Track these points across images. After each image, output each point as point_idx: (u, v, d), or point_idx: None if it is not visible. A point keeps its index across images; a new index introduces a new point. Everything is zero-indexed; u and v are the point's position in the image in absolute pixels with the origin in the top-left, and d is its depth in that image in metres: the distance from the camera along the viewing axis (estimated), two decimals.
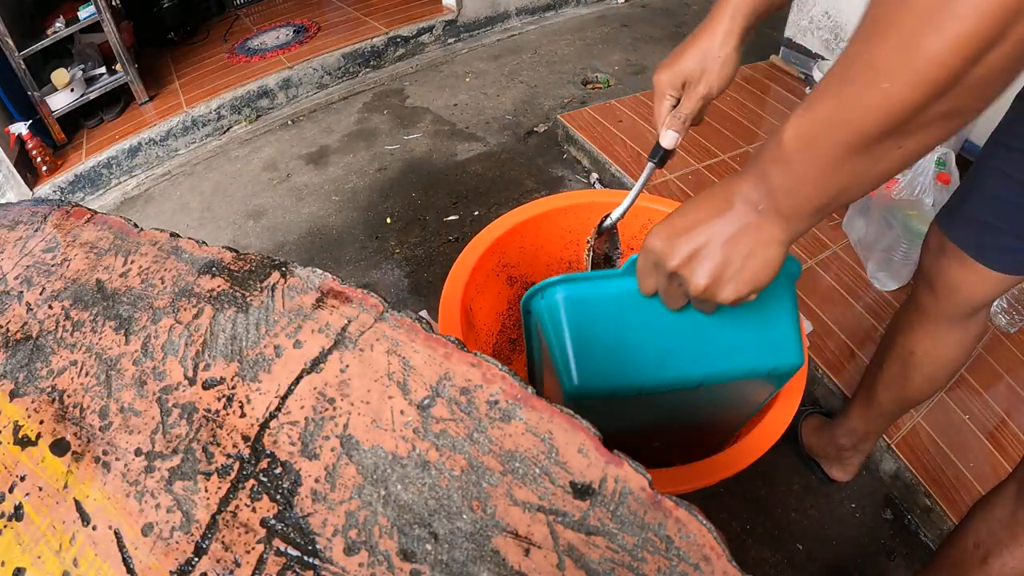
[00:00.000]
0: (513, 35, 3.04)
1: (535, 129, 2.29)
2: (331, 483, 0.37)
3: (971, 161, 1.23)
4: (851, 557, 1.11)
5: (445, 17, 2.90)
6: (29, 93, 2.12)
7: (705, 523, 0.32)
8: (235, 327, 0.46)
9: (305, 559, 0.34)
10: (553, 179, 2.05)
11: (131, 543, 0.37)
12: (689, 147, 1.97)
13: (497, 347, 1.08)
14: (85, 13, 2.19)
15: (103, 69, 2.38)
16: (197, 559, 0.35)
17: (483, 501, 0.34)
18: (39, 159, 2.14)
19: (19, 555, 0.38)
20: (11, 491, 0.41)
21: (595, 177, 2.02)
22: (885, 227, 1.40)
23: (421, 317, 0.44)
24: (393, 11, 2.99)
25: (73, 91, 2.24)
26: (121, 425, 0.42)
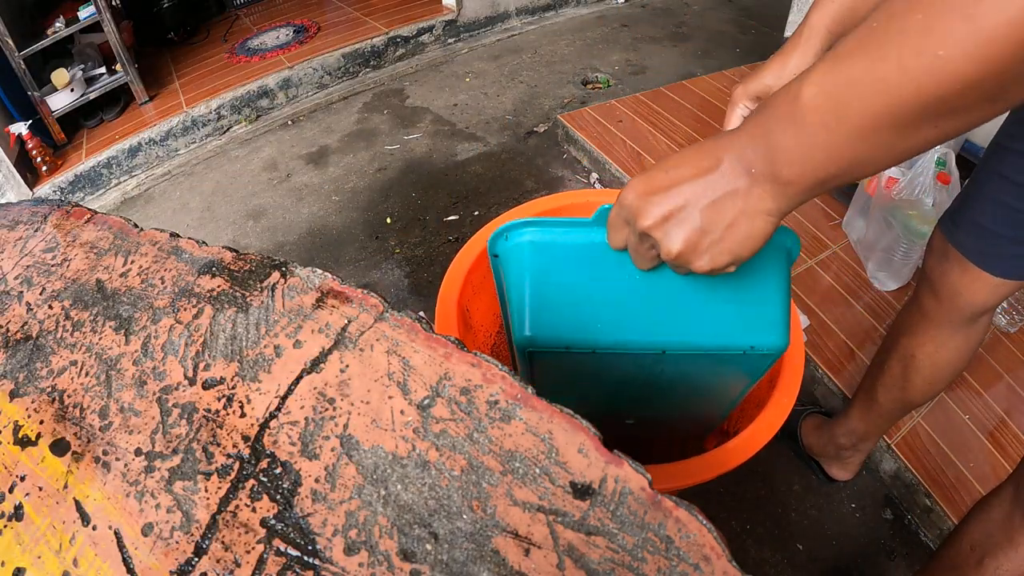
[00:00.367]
0: (513, 35, 3.04)
1: (535, 129, 2.30)
2: (331, 483, 0.37)
3: (971, 162, 1.23)
4: (851, 557, 1.11)
5: (445, 17, 2.90)
6: (29, 93, 2.12)
7: (705, 523, 0.32)
8: (235, 327, 0.46)
9: (305, 559, 0.34)
10: (553, 179, 2.05)
11: (131, 543, 0.37)
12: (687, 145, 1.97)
13: (495, 348, 1.08)
14: (85, 13, 2.20)
15: (103, 69, 2.38)
16: (197, 559, 0.35)
17: (483, 501, 0.34)
18: (39, 159, 2.15)
19: (19, 555, 0.38)
20: (11, 491, 0.41)
21: (595, 177, 2.03)
22: (885, 227, 1.40)
23: (421, 317, 0.44)
24: (393, 11, 2.99)
25: (73, 91, 2.24)
26: (121, 425, 0.42)
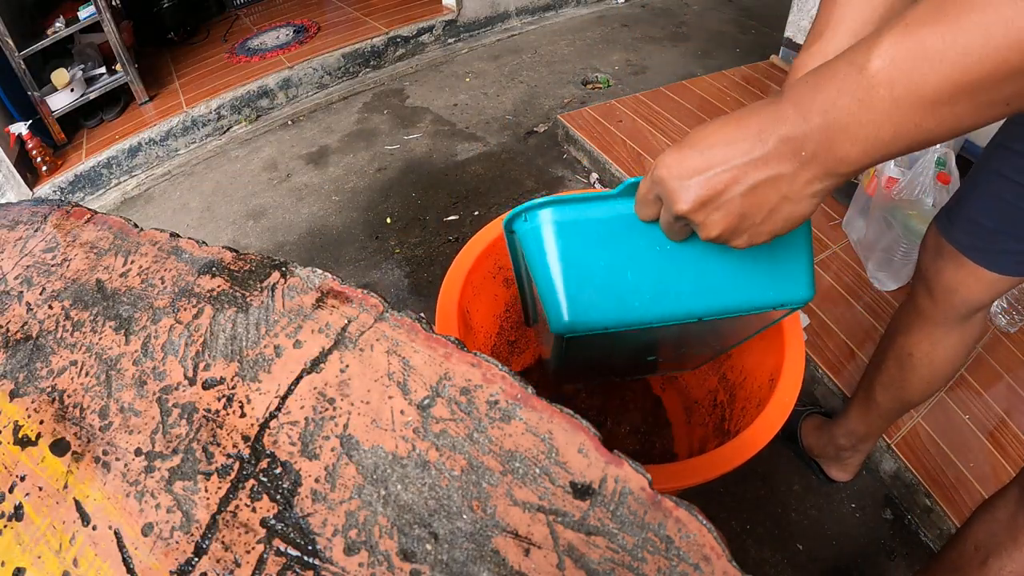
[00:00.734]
0: (513, 35, 3.04)
1: (535, 129, 2.30)
2: (331, 483, 0.37)
3: (971, 162, 1.23)
4: (851, 557, 1.11)
5: (445, 17, 2.90)
6: (29, 93, 2.12)
7: (705, 523, 0.32)
8: (235, 327, 0.46)
9: (305, 559, 0.34)
10: (553, 179, 2.05)
11: (131, 543, 0.37)
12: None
13: (495, 349, 1.08)
14: (85, 13, 2.20)
15: (103, 69, 2.38)
16: (197, 559, 0.35)
17: (483, 501, 0.34)
18: (39, 159, 2.15)
19: (19, 555, 0.38)
20: (11, 491, 0.41)
21: (595, 177, 2.03)
22: (885, 227, 1.40)
23: (421, 317, 0.44)
24: (393, 11, 2.99)
25: (73, 91, 2.24)
26: (121, 425, 0.42)
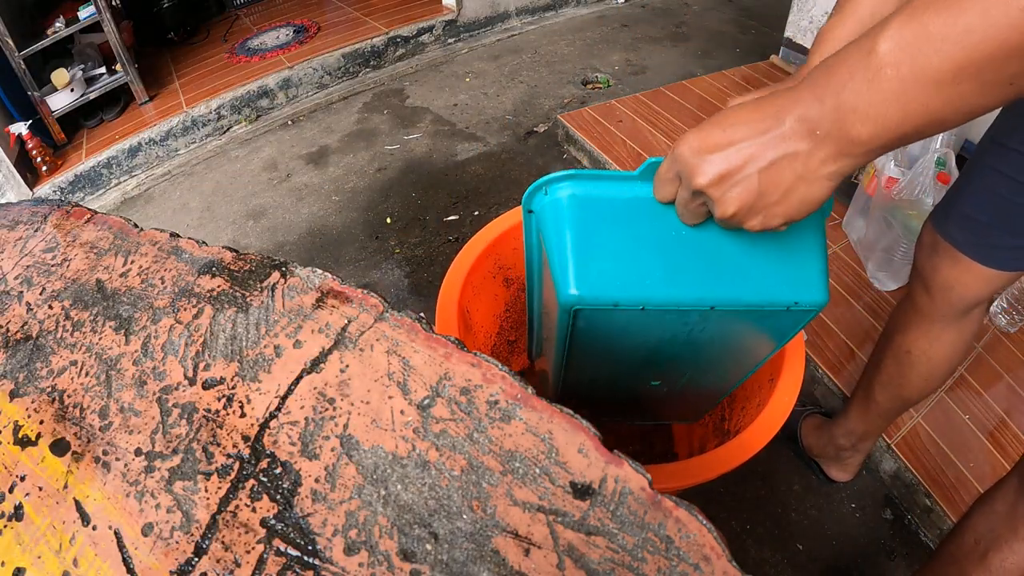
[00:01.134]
0: (513, 35, 3.04)
1: (535, 129, 2.30)
2: (331, 483, 0.37)
3: None
4: (851, 557, 1.11)
5: (445, 17, 2.90)
6: (29, 93, 2.12)
7: (705, 523, 0.32)
8: (235, 327, 0.46)
9: (305, 559, 0.34)
10: None
11: (131, 543, 0.37)
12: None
13: (495, 349, 1.08)
14: (85, 13, 2.20)
15: (103, 69, 2.38)
16: (197, 559, 0.35)
17: (483, 501, 0.34)
18: (39, 159, 2.15)
19: (19, 555, 0.38)
20: (11, 491, 0.41)
21: None
22: (885, 227, 1.40)
23: (421, 317, 0.44)
24: (393, 11, 2.99)
25: (73, 91, 2.24)
26: (121, 425, 0.42)
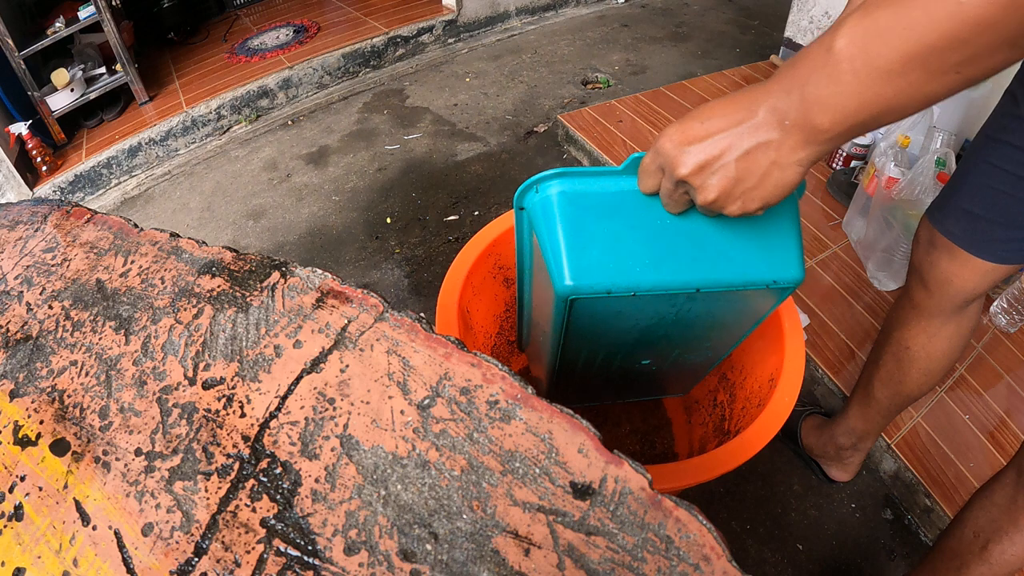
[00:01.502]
0: (513, 35, 3.04)
1: (535, 129, 2.30)
2: (331, 483, 0.37)
3: None
4: (851, 557, 1.11)
5: (445, 17, 2.90)
6: (29, 93, 2.12)
7: (705, 523, 0.32)
8: (235, 327, 0.46)
9: (305, 559, 0.34)
10: None
11: (131, 543, 0.37)
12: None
13: (495, 349, 1.08)
14: (85, 13, 2.20)
15: (103, 69, 2.38)
16: (197, 559, 0.35)
17: (483, 501, 0.34)
18: (39, 159, 2.15)
19: (19, 555, 0.38)
20: (11, 491, 0.41)
21: None
22: (885, 227, 1.40)
23: (421, 317, 0.44)
24: (393, 11, 2.99)
25: (73, 91, 2.24)
26: (121, 425, 0.42)
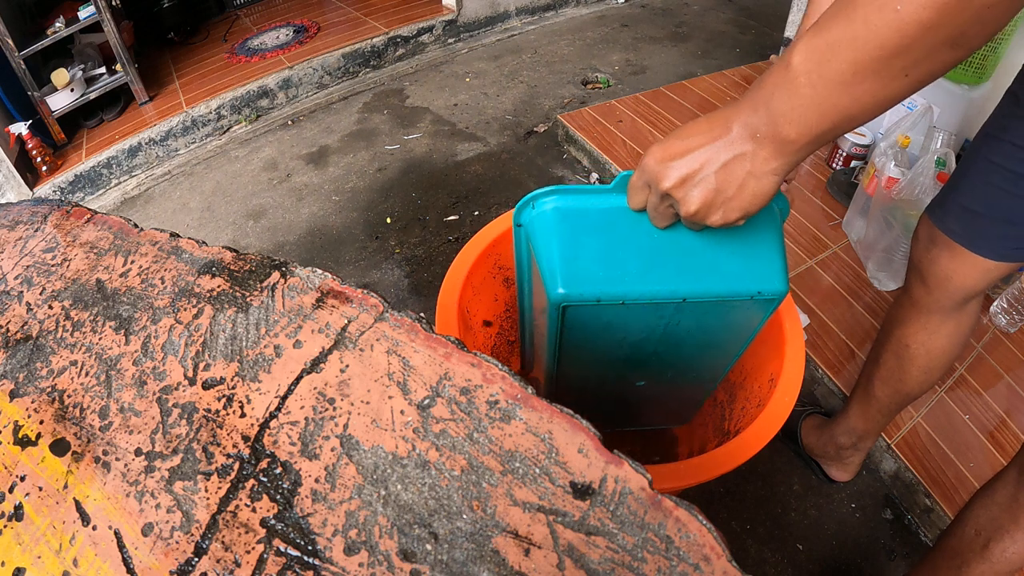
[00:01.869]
0: (513, 35, 3.04)
1: (535, 129, 2.29)
2: (331, 483, 0.37)
3: None
4: (851, 557, 1.11)
5: (445, 17, 2.90)
6: (29, 93, 2.12)
7: (705, 523, 0.32)
8: (235, 327, 0.46)
9: (305, 559, 0.34)
10: (553, 179, 2.05)
11: (131, 543, 0.37)
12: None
13: (495, 349, 1.08)
14: (85, 13, 2.19)
15: (103, 69, 2.38)
16: (197, 559, 0.35)
17: (483, 501, 0.34)
18: (39, 159, 2.14)
19: (19, 555, 0.38)
20: (11, 491, 0.41)
21: (595, 177, 2.03)
22: (885, 227, 1.40)
23: (421, 317, 0.44)
24: (393, 11, 2.99)
25: (73, 91, 2.24)
26: (121, 425, 0.42)
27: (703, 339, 0.70)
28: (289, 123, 2.48)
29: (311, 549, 0.34)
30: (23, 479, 0.41)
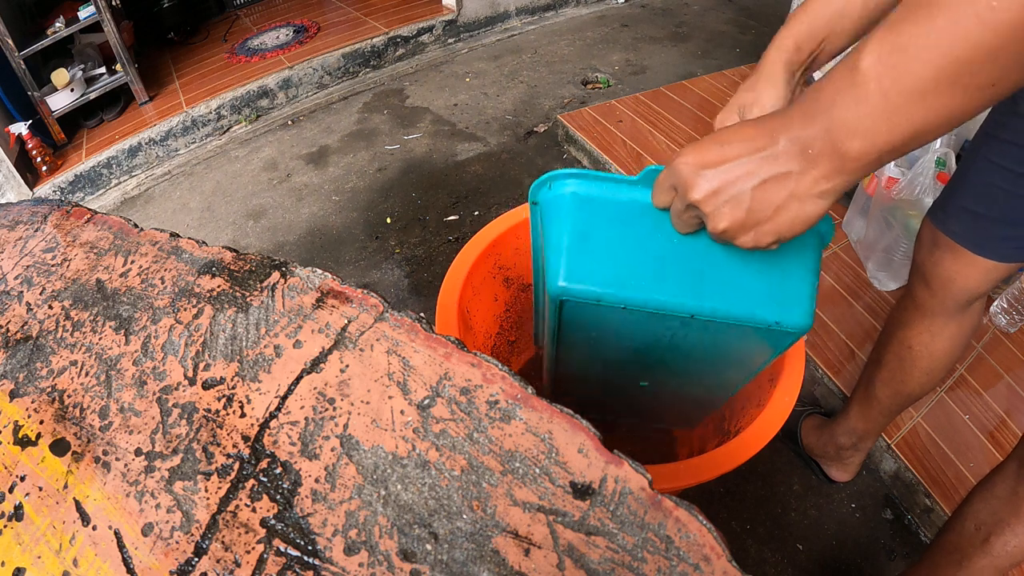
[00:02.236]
0: (513, 35, 3.04)
1: (535, 129, 2.29)
2: (331, 483, 0.37)
3: None
4: (851, 557, 1.11)
5: (445, 17, 2.90)
6: (29, 93, 2.12)
7: (705, 523, 0.32)
8: (235, 327, 0.46)
9: (305, 559, 0.34)
10: None
11: (131, 543, 0.37)
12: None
13: (495, 349, 1.08)
14: (85, 13, 2.19)
15: (103, 69, 2.38)
16: (197, 559, 0.35)
17: (483, 501, 0.34)
18: (39, 159, 2.14)
19: (19, 555, 0.38)
20: (11, 491, 0.41)
21: None
22: (885, 227, 1.40)
23: (421, 317, 0.44)
24: (393, 11, 2.99)
25: (73, 91, 2.24)
26: (121, 425, 0.42)
27: (712, 357, 0.66)
28: (289, 123, 2.48)
29: (311, 549, 0.34)
30: (23, 479, 0.41)
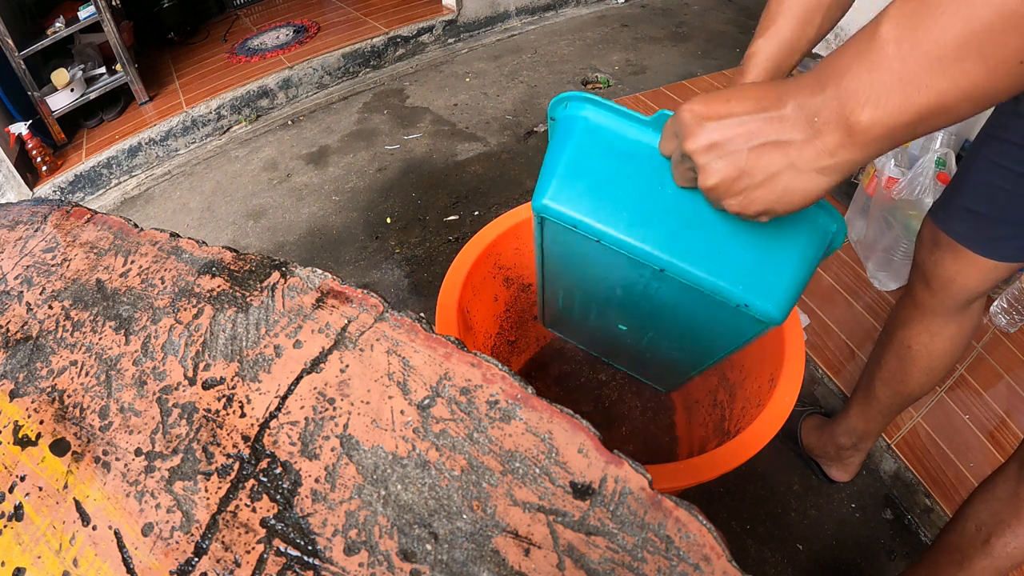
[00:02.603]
0: (513, 35, 3.04)
1: (535, 129, 2.29)
2: (331, 483, 0.37)
3: None
4: (851, 557, 1.11)
5: (445, 17, 2.90)
6: (29, 93, 2.12)
7: (705, 523, 0.32)
8: (235, 327, 0.46)
9: (305, 559, 0.34)
10: None
11: (131, 543, 0.37)
12: None
13: (495, 349, 1.08)
14: (85, 13, 2.19)
15: (103, 69, 2.38)
16: (197, 559, 0.35)
17: (483, 501, 0.34)
18: (39, 159, 2.14)
19: (19, 555, 0.38)
20: (11, 491, 0.41)
21: None
22: (885, 227, 1.40)
23: (421, 317, 0.44)
24: (393, 11, 2.99)
25: (73, 91, 2.24)
26: (121, 425, 0.42)
27: (681, 322, 0.66)
28: (289, 123, 2.48)
29: (311, 549, 0.34)
30: (23, 479, 0.41)
